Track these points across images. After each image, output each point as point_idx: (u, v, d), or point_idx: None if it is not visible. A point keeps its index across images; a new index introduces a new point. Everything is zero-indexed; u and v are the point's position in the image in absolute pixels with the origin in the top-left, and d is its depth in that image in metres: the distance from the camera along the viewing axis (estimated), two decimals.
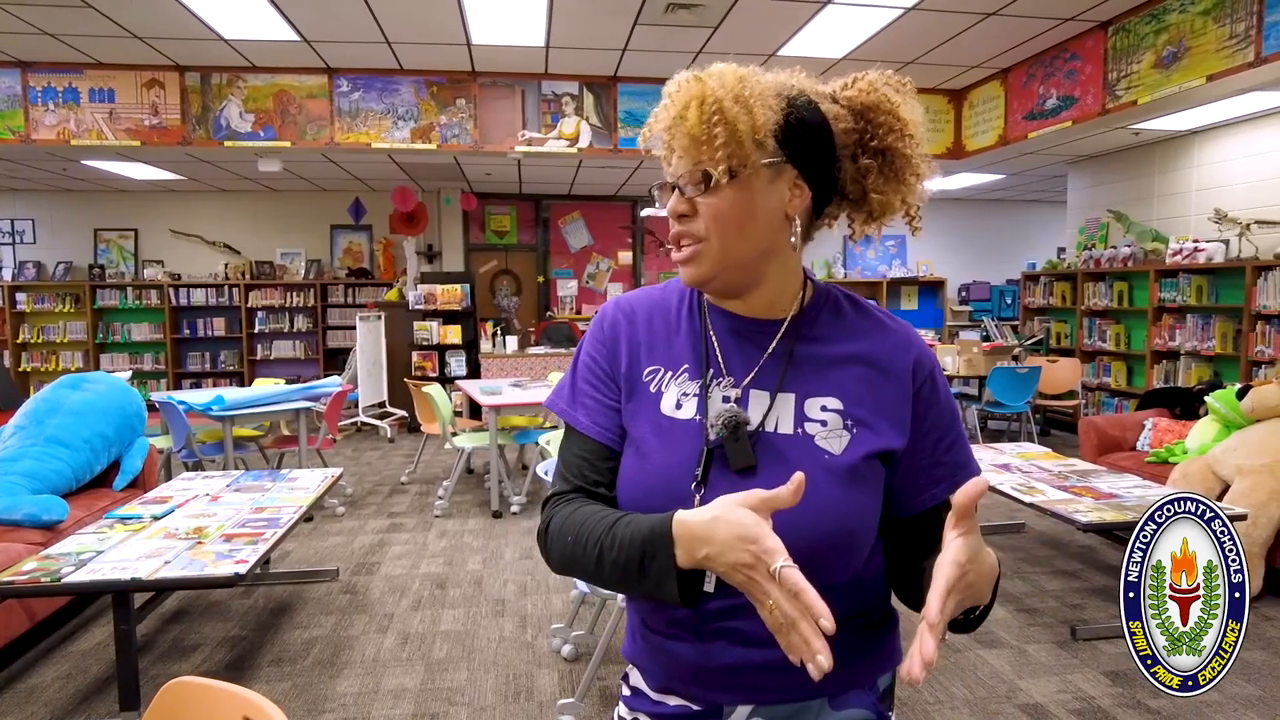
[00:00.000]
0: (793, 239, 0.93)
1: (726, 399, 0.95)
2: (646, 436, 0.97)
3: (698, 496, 0.90)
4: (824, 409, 0.93)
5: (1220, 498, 3.62)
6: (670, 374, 0.99)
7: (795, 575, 0.73)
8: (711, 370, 0.97)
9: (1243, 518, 3.10)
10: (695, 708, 0.97)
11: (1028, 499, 3.27)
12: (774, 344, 0.96)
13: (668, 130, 0.91)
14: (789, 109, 0.89)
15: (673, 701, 0.99)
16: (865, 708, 0.99)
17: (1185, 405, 4.90)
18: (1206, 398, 4.25)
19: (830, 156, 0.92)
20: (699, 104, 0.87)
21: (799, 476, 0.77)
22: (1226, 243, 5.98)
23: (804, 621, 0.72)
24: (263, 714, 1.00)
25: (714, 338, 0.99)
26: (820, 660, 0.71)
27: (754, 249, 0.92)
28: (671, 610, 0.95)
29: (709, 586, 0.86)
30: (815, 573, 0.82)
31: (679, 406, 0.96)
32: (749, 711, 0.95)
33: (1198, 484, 3.77)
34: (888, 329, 0.99)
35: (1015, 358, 7.23)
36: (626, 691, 1.07)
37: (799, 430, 0.92)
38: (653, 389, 0.99)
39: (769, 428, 0.92)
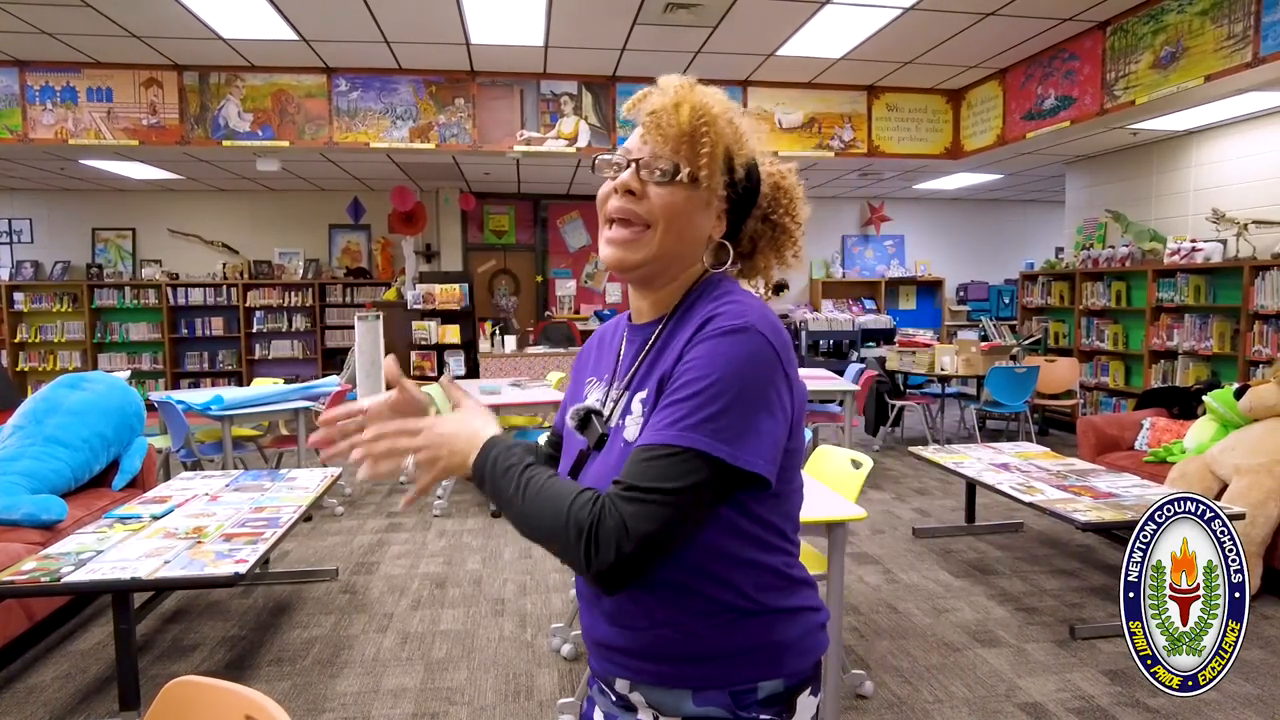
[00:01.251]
0: (705, 258, 1.03)
1: (612, 400, 1.05)
2: (568, 435, 1.12)
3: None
4: (640, 400, 0.98)
5: (1218, 497, 3.63)
6: (597, 382, 1.12)
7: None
8: (613, 376, 1.08)
9: (1240, 517, 3.11)
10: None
11: (1027, 498, 3.27)
12: (643, 348, 1.04)
13: (653, 114, 0.97)
14: (748, 159, 1.02)
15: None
16: (722, 709, 0.95)
17: (1183, 405, 4.91)
18: (1204, 397, 4.26)
19: (747, 211, 1.06)
20: (694, 106, 0.96)
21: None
22: (1224, 243, 5.99)
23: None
24: (265, 713, 1.00)
25: (623, 348, 1.10)
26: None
27: (680, 253, 1.00)
28: (580, 583, 1.08)
29: None
30: None
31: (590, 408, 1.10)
32: (628, 686, 1.01)
33: (1196, 483, 3.78)
34: (708, 307, 0.96)
35: (1013, 357, 7.24)
36: None
37: (621, 422, 0.99)
38: (584, 395, 1.14)
39: (611, 423, 1.02)
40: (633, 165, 0.98)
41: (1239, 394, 4.05)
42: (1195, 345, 6.14)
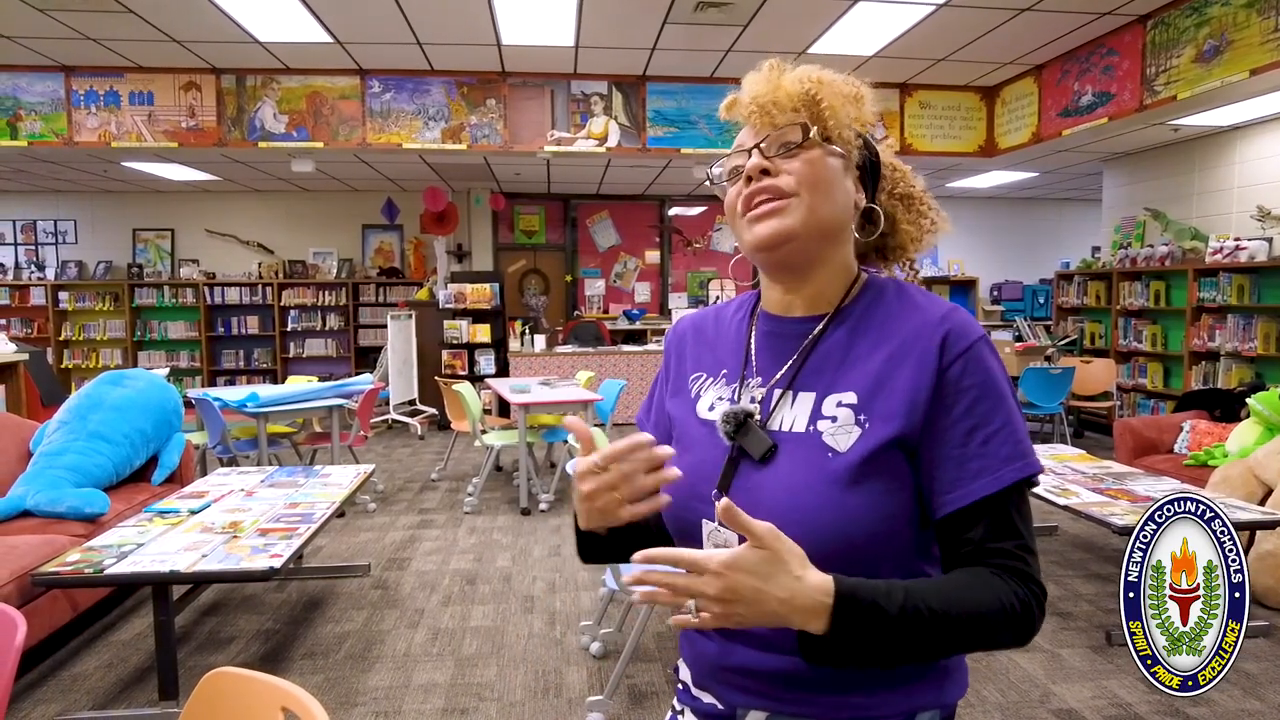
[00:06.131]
0: (853, 226, 0.96)
1: (753, 399, 0.94)
2: (682, 437, 1.00)
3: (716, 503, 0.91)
4: (839, 405, 0.88)
5: (1263, 502, 3.54)
6: (710, 379, 1.02)
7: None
8: (745, 373, 0.98)
9: None
10: (720, 706, 0.97)
11: (1062, 501, 3.22)
12: (805, 343, 0.94)
13: (755, 98, 0.90)
14: (871, 120, 0.96)
15: (706, 699, 1.00)
16: None
17: (1225, 407, 4.79)
18: (1249, 399, 4.15)
19: (876, 185, 0.99)
20: (795, 75, 0.91)
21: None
22: (1270, 241, 5.84)
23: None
24: (301, 705, 1.01)
25: (754, 341, 0.99)
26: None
27: (835, 218, 0.91)
28: None
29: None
30: None
31: (711, 409, 0.98)
32: (763, 718, 0.92)
33: (1239, 488, 3.68)
34: (920, 309, 0.91)
35: (1048, 358, 7.12)
36: (679, 685, 1.07)
37: (811, 428, 0.89)
38: (693, 393, 1.03)
39: (784, 426, 0.90)
40: (756, 148, 0.90)
41: None
42: (1239, 346, 5.99)
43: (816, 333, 0.94)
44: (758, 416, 0.92)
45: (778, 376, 0.94)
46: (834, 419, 0.88)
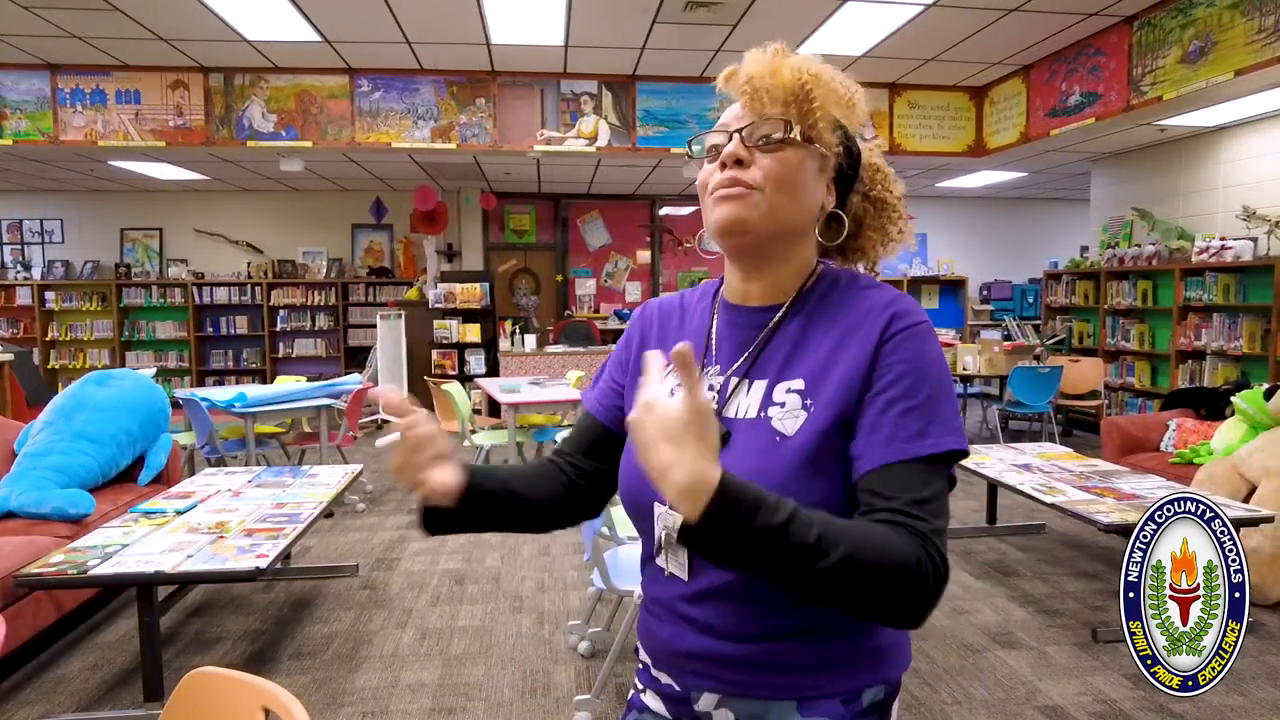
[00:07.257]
0: (816, 229, 0.97)
1: (711, 387, 0.97)
2: None
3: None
4: (789, 391, 0.91)
5: (1247, 499, 3.57)
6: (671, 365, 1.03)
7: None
8: (705, 361, 1.00)
9: (1270, 519, 3.05)
10: (677, 688, 0.99)
11: (1049, 499, 3.23)
12: (762, 333, 0.97)
13: (750, 80, 0.91)
14: (858, 123, 0.97)
15: (664, 679, 1.02)
16: (833, 719, 0.91)
17: (1211, 405, 4.82)
18: (1233, 398, 4.18)
19: (850, 187, 1.00)
20: (795, 66, 0.91)
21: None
22: (1255, 240, 5.88)
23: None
24: (280, 704, 1.01)
25: (715, 329, 1.02)
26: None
27: (796, 219, 0.93)
28: (656, 590, 1.00)
29: (673, 570, 0.94)
30: None
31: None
32: (716, 701, 0.95)
33: (1223, 485, 3.71)
34: (867, 296, 0.94)
35: (1037, 357, 7.16)
36: (640, 665, 1.09)
37: (762, 414, 0.91)
38: None
39: (739, 414, 0.93)
40: (737, 134, 0.91)
41: (1269, 394, 3.98)
42: (1224, 345, 6.03)
43: (774, 323, 0.97)
44: (714, 405, 0.94)
45: (736, 366, 0.97)
46: (782, 405, 0.91)
